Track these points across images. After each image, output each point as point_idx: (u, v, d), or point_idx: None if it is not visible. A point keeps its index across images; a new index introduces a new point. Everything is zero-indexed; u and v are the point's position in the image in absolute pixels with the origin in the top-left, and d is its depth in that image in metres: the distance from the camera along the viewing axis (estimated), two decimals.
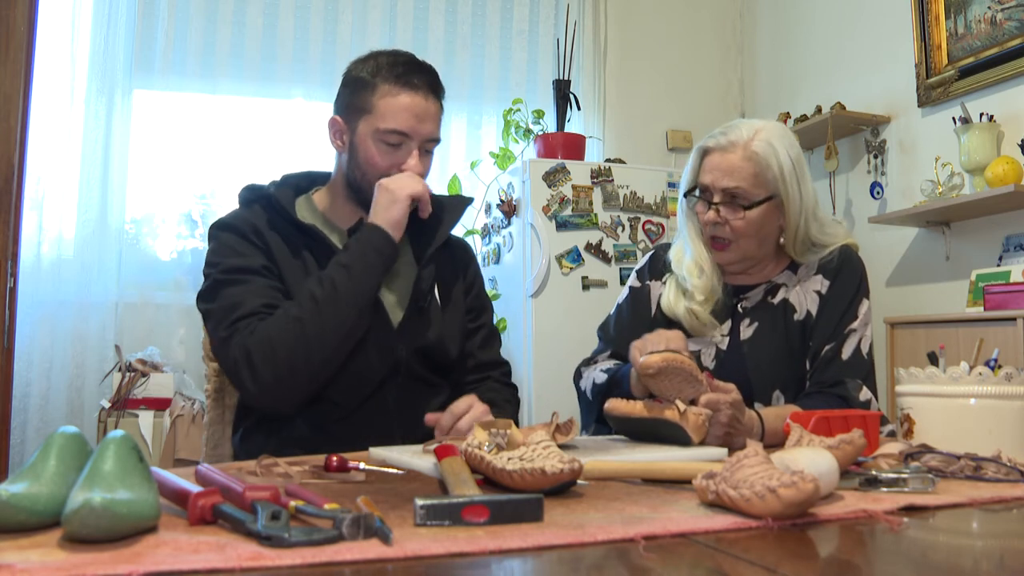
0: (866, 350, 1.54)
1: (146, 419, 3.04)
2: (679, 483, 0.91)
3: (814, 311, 1.58)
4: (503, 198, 3.46)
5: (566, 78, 3.78)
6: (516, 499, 0.73)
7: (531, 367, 3.25)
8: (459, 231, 3.50)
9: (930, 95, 3.29)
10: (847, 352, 1.53)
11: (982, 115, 2.99)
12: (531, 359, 3.26)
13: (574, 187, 3.36)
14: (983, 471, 0.98)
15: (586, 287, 3.33)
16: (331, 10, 3.79)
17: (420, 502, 0.70)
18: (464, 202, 1.67)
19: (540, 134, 3.62)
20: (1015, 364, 1.47)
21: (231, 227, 1.45)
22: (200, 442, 2.47)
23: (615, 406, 1.27)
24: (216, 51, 3.63)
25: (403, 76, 1.44)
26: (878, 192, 3.50)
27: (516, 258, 3.38)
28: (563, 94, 3.72)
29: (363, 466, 1.01)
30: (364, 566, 0.59)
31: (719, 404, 1.24)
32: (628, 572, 0.59)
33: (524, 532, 0.68)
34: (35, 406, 3.26)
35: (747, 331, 1.60)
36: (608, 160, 3.74)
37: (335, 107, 1.52)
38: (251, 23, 3.68)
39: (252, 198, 1.51)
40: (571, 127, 3.85)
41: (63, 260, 3.36)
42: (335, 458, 1.00)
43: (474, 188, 3.69)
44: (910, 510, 0.80)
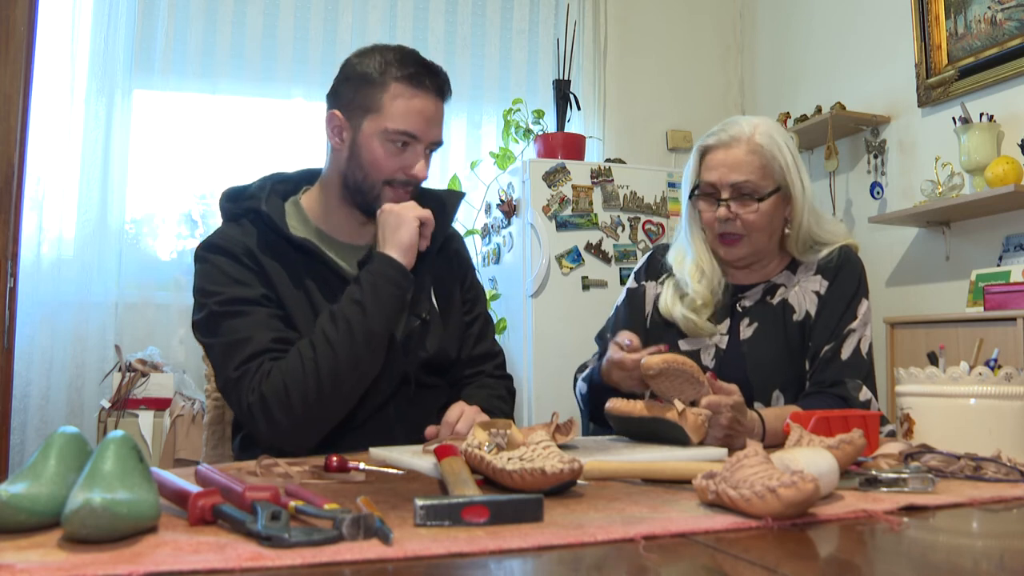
0: (866, 350, 1.54)
1: (146, 419, 3.04)
2: (679, 483, 0.91)
3: (813, 311, 1.58)
4: (503, 198, 3.46)
5: (566, 78, 3.78)
6: (516, 499, 0.73)
7: (531, 367, 3.25)
8: (458, 231, 3.51)
9: (930, 95, 3.29)
10: (847, 352, 1.53)
11: (982, 115, 2.99)
12: (531, 359, 3.26)
13: (574, 187, 3.36)
14: (983, 471, 0.98)
15: (586, 287, 3.33)
16: (331, 10, 3.79)
17: (420, 502, 0.70)
18: (455, 198, 1.59)
19: (540, 134, 3.62)
20: (1015, 364, 1.47)
21: (222, 249, 1.37)
22: (200, 442, 2.47)
23: (615, 406, 1.27)
24: (216, 51, 3.63)
25: (415, 77, 1.39)
26: (878, 192, 3.50)
27: (516, 258, 3.38)
28: (563, 94, 3.72)
29: (363, 466, 1.01)
30: (364, 566, 0.59)
31: (720, 407, 1.24)
32: (628, 572, 0.59)
33: (524, 532, 0.68)
34: (35, 406, 3.26)
35: (747, 331, 1.60)
36: (608, 160, 3.74)
37: (334, 101, 1.44)
38: (251, 23, 3.68)
39: (238, 212, 1.44)
40: (571, 127, 3.85)
41: (63, 260, 3.36)
42: (335, 458, 0.99)
43: (474, 188, 3.69)
44: (910, 510, 0.80)
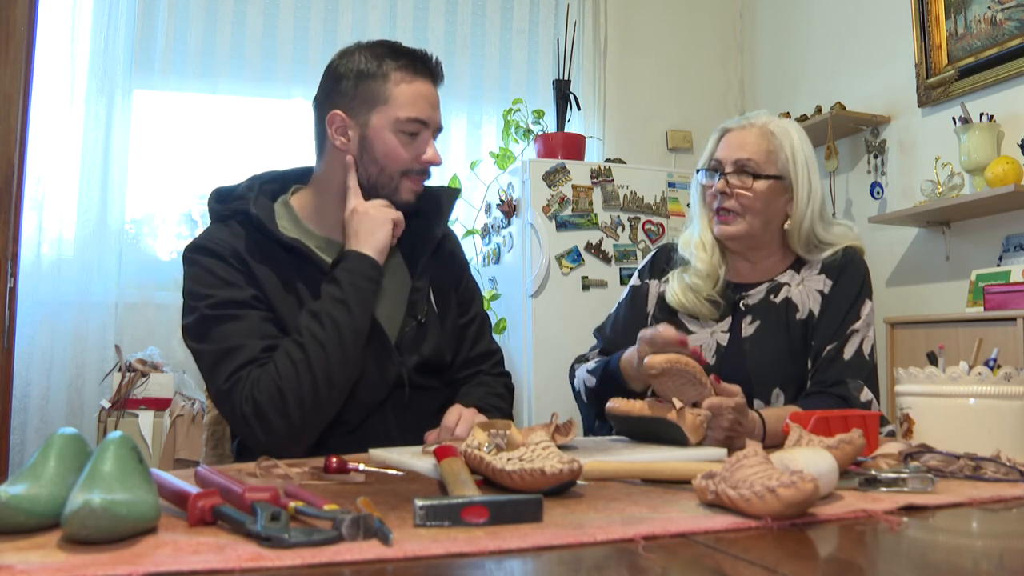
0: (868, 351, 1.54)
1: (146, 419, 3.04)
2: (679, 483, 0.91)
3: (816, 310, 1.58)
4: (503, 198, 3.46)
5: (566, 78, 3.78)
6: (516, 500, 0.73)
7: (531, 367, 3.25)
8: (458, 231, 3.51)
9: (930, 95, 3.29)
10: (849, 352, 1.53)
11: (982, 115, 2.99)
12: (531, 359, 3.26)
13: (574, 187, 3.36)
14: (982, 471, 0.98)
15: (586, 287, 3.33)
16: (331, 10, 3.80)
17: (420, 503, 0.70)
18: (451, 196, 1.58)
19: (540, 134, 3.62)
20: (1015, 364, 1.47)
21: (210, 251, 1.35)
22: (200, 442, 2.46)
23: (616, 406, 1.27)
24: (216, 51, 3.62)
25: (411, 65, 1.40)
26: (878, 192, 3.50)
27: (516, 258, 3.38)
28: (563, 94, 3.72)
29: (363, 467, 1.01)
30: (364, 567, 0.59)
31: (721, 409, 1.24)
32: (628, 572, 0.59)
33: (524, 533, 0.68)
34: (35, 406, 3.26)
35: (748, 328, 1.60)
36: (608, 160, 3.74)
37: (330, 102, 1.42)
38: (251, 23, 3.68)
39: (226, 214, 1.42)
40: (571, 127, 3.85)
41: (63, 260, 3.36)
42: (334, 459, 0.99)
43: (474, 188, 3.69)
44: (910, 510, 0.80)
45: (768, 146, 1.60)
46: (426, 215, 1.51)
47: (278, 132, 3.66)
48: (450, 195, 1.58)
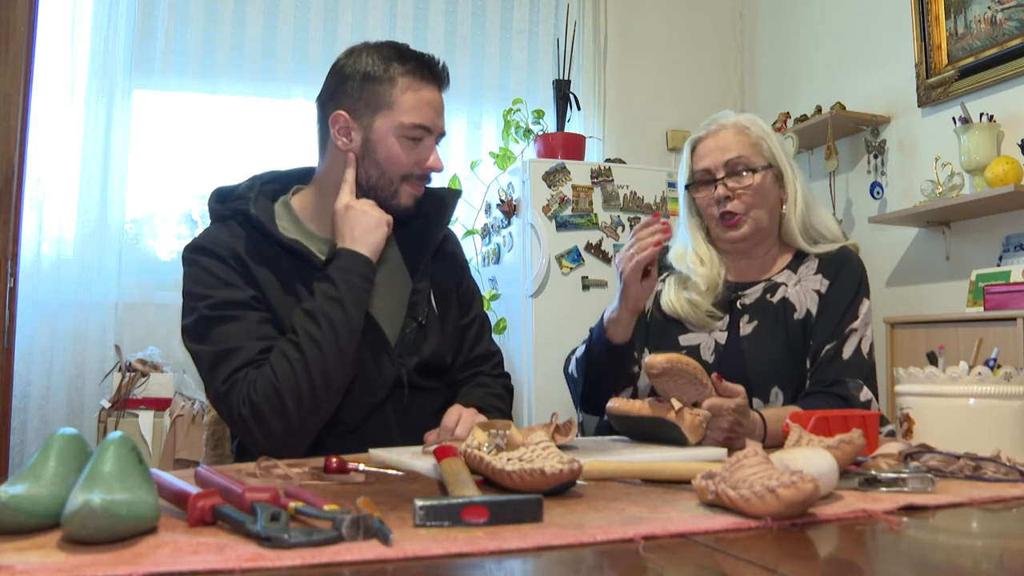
0: (867, 350, 1.54)
1: (146, 419, 3.04)
2: (679, 483, 0.91)
3: (814, 310, 1.58)
4: (503, 198, 3.46)
5: (566, 78, 3.78)
6: (515, 500, 0.73)
7: (531, 367, 3.25)
8: (458, 231, 3.51)
9: (930, 95, 3.29)
10: (848, 352, 1.53)
11: (982, 115, 2.99)
12: (531, 359, 3.26)
13: (574, 187, 3.36)
14: (982, 471, 0.98)
15: (586, 287, 3.33)
16: (331, 10, 3.80)
17: (419, 503, 0.70)
18: (453, 197, 1.57)
19: (540, 134, 3.62)
20: (1015, 364, 1.47)
21: (209, 251, 1.35)
22: (200, 442, 2.47)
23: (616, 405, 1.27)
24: (216, 51, 3.62)
25: (419, 70, 1.40)
26: (878, 192, 3.50)
27: (516, 258, 3.38)
28: (563, 94, 3.72)
29: (363, 467, 1.01)
30: (364, 567, 0.59)
31: (722, 409, 1.24)
32: (628, 572, 0.59)
33: (523, 533, 0.68)
34: (35, 406, 3.26)
35: (747, 328, 1.60)
36: (608, 160, 3.74)
37: (335, 102, 1.41)
38: (251, 23, 3.68)
39: (226, 213, 1.42)
40: (571, 127, 3.85)
41: (63, 260, 3.36)
42: (334, 459, 0.99)
43: (474, 188, 3.69)
44: (910, 510, 0.80)
45: (749, 140, 1.61)
46: (427, 216, 1.51)
47: (278, 132, 3.66)
48: (451, 197, 1.57)
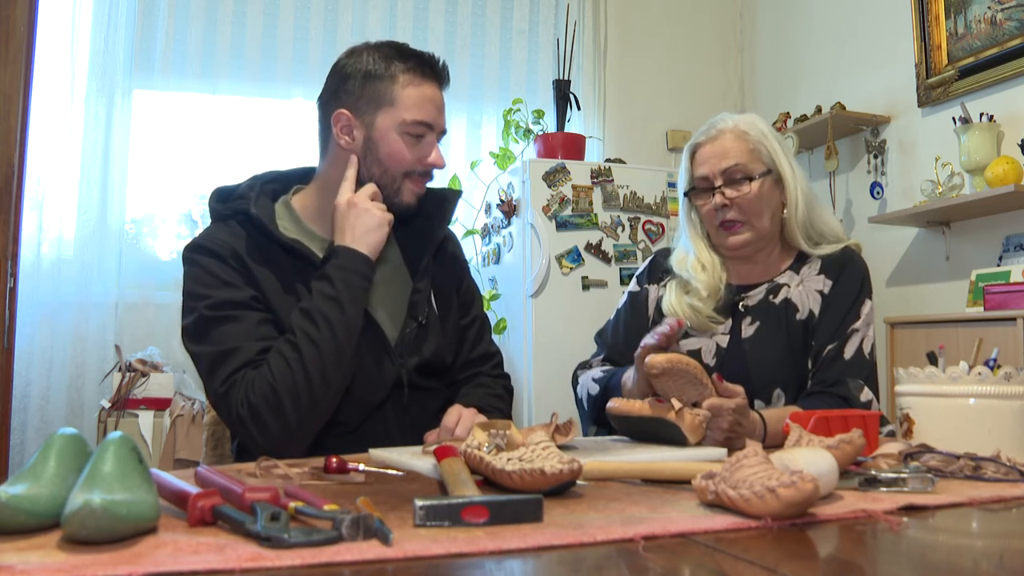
0: (868, 350, 1.54)
1: (146, 419, 3.04)
2: (679, 483, 0.91)
3: (816, 311, 1.58)
4: (503, 198, 3.46)
5: (566, 78, 3.78)
6: (515, 500, 0.73)
7: (531, 367, 3.25)
8: (458, 231, 3.51)
9: (930, 95, 3.29)
10: (849, 352, 1.53)
11: (982, 115, 2.99)
12: (531, 359, 3.26)
13: (574, 187, 3.36)
14: (982, 471, 0.98)
15: (586, 287, 3.33)
16: (331, 10, 3.79)
17: (419, 503, 0.70)
18: (454, 196, 1.57)
19: (540, 134, 3.62)
20: (1015, 364, 1.47)
21: (209, 251, 1.34)
22: (200, 442, 2.47)
23: (616, 406, 1.27)
24: (216, 51, 3.62)
25: (419, 68, 1.40)
26: (878, 192, 3.50)
27: (516, 258, 3.38)
28: (563, 94, 3.72)
29: (363, 467, 1.01)
30: (364, 567, 0.59)
31: (722, 410, 1.24)
32: (628, 572, 0.59)
33: (523, 533, 0.68)
34: (35, 406, 3.26)
35: (748, 329, 1.60)
36: (608, 160, 3.74)
37: (336, 101, 1.42)
38: (251, 23, 3.68)
39: (227, 213, 1.41)
40: (571, 127, 3.85)
41: (63, 260, 3.36)
42: (334, 459, 0.99)
43: (474, 188, 3.69)
44: (910, 510, 0.80)
45: (748, 145, 1.59)
46: (428, 215, 1.51)
47: (278, 132, 3.66)
48: (452, 196, 1.57)
